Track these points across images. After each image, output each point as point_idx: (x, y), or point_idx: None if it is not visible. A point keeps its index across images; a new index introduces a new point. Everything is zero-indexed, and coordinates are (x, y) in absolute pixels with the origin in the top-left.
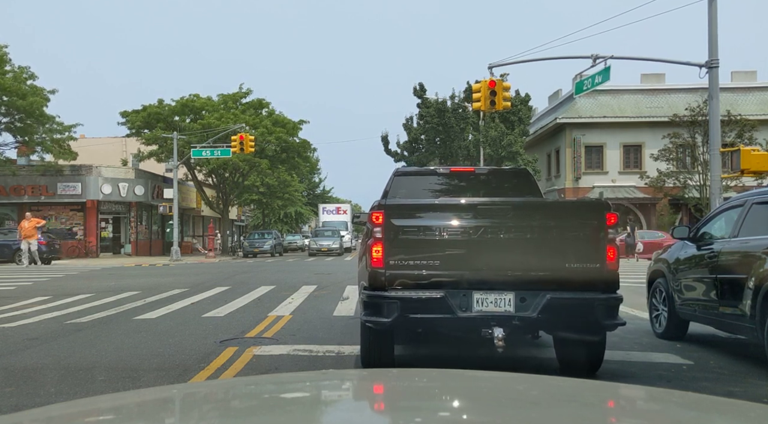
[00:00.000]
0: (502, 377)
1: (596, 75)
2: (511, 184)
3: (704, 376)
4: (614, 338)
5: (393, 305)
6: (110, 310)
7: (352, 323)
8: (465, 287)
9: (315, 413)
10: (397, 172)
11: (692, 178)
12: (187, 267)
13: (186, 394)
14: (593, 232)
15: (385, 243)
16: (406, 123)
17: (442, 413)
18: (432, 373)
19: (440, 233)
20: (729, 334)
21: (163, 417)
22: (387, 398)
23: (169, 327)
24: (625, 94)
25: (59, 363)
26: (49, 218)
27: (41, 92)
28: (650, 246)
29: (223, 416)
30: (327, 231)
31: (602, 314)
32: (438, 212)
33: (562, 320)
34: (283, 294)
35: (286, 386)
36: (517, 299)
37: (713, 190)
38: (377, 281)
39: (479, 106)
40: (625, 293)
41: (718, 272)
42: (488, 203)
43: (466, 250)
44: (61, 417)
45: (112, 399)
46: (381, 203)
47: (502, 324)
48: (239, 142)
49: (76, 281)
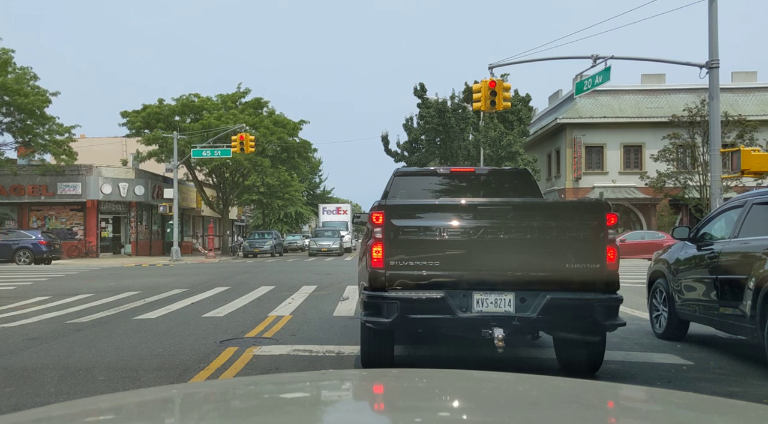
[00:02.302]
0: (502, 377)
1: (597, 75)
2: (512, 184)
3: (705, 376)
4: (614, 338)
5: (393, 306)
6: (110, 310)
7: (351, 324)
8: (465, 288)
9: (315, 413)
10: (397, 172)
11: (692, 178)
12: (187, 267)
13: (186, 394)
14: (593, 232)
15: (385, 243)
16: (407, 123)
17: (441, 414)
18: (432, 373)
19: (440, 234)
20: (729, 334)
21: (164, 417)
22: (387, 399)
23: (168, 327)
24: (625, 94)
25: (59, 363)
26: (49, 217)
27: (43, 93)
28: (651, 246)
29: (223, 417)
30: (327, 231)
31: (602, 314)
32: (438, 212)
33: (562, 320)
34: (283, 294)
35: (286, 386)
36: (517, 299)
37: (713, 190)
38: (377, 282)
39: (479, 106)
40: (624, 293)
41: (718, 272)
42: (488, 204)
43: (466, 250)
44: (63, 417)
45: (112, 399)
46: (381, 204)
47: (502, 325)
48: (239, 142)
49: (76, 281)
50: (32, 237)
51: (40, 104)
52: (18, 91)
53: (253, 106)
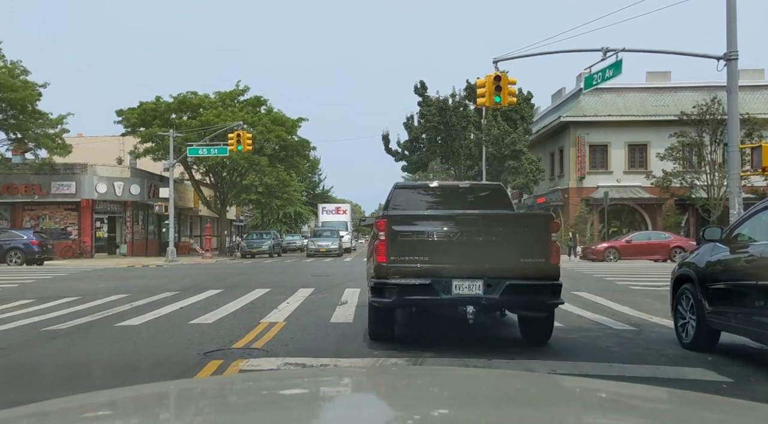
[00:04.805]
0: (500, 374)
1: (607, 69)
2: (488, 197)
3: (750, 395)
4: (638, 349)
5: (393, 289)
6: (92, 315)
7: (350, 332)
8: (446, 276)
9: (314, 409)
10: (397, 185)
11: (699, 178)
12: (182, 268)
13: (183, 389)
14: (541, 236)
15: (387, 244)
16: (407, 122)
17: (440, 411)
18: (430, 370)
19: (429, 236)
20: (762, 345)
21: (162, 413)
22: (385, 395)
23: (151, 335)
24: (630, 92)
25: (22, 377)
26: (43, 217)
27: (33, 87)
28: (658, 247)
29: (222, 412)
30: (326, 231)
31: (547, 295)
32: (427, 220)
33: (518, 300)
34: (278, 298)
35: (285, 382)
36: (484, 285)
37: (732, 189)
38: (381, 272)
39: (484, 101)
40: (638, 297)
41: (757, 277)
42: (464, 215)
43: (447, 249)
44: (58, 412)
45: (110, 394)
46: (384, 214)
47: (473, 303)
48: (236, 140)
49: (64, 283)
50: (24, 237)
51: (32, 99)
52: (9, 86)
53: (252, 105)
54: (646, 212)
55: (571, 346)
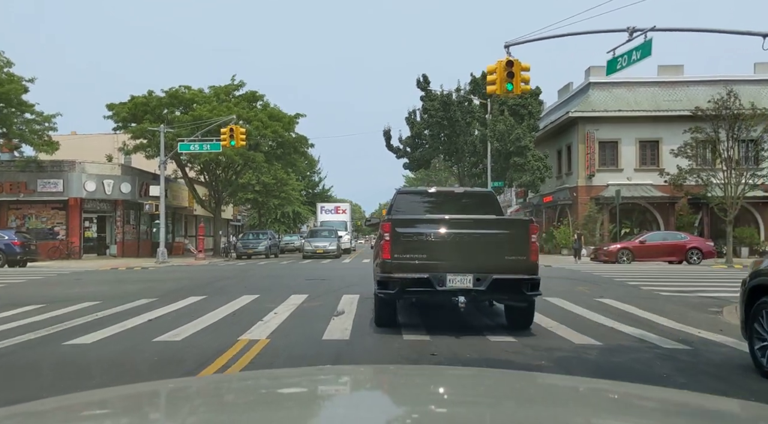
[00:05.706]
0: (499, 374)
1: (635, 50)
2: (479, 202)
3: None
4: (711, 380)
5: (396, 283)
6: (46, 329)
7: (347, 352)
8: (442, 271)
9: (313, 409)
10: (400, 191)
11: (716, 175)
12: (170, 270)
13: (182, 388)
14: (523, 237)
15: (391, 243)
16: (409, 117)
17: (438, 410)
18: (429, 370)
19: (427, 237)
20: None
21: (160, 412)
22: (384, 394)
23: (99, 358)
24: (641, 86)
25: None
26: (29, 216)
27: (18, 80)
28: (674, 248)
29: (220, 412)
30: (324, 231)
31: (527, 288)
32: (425, 223)
33: (502, 292)
34: (266, 306)
35: (283, 381)
36: (474, 279)
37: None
38: (386, 268)
39: (494, 89)
40: (676, 305)
41: None
42: (457, 218)
43: (443, 248)
44: (53, 411)
45: (108, 393)
46: (389, 218)
47: (464, 295)
48: (229, 135)
49: (35, 288)
50: (5, 237)
51: (17, 92)
52: None
53: (247, 100)
54: (658, 212)
55: (621, 374)
